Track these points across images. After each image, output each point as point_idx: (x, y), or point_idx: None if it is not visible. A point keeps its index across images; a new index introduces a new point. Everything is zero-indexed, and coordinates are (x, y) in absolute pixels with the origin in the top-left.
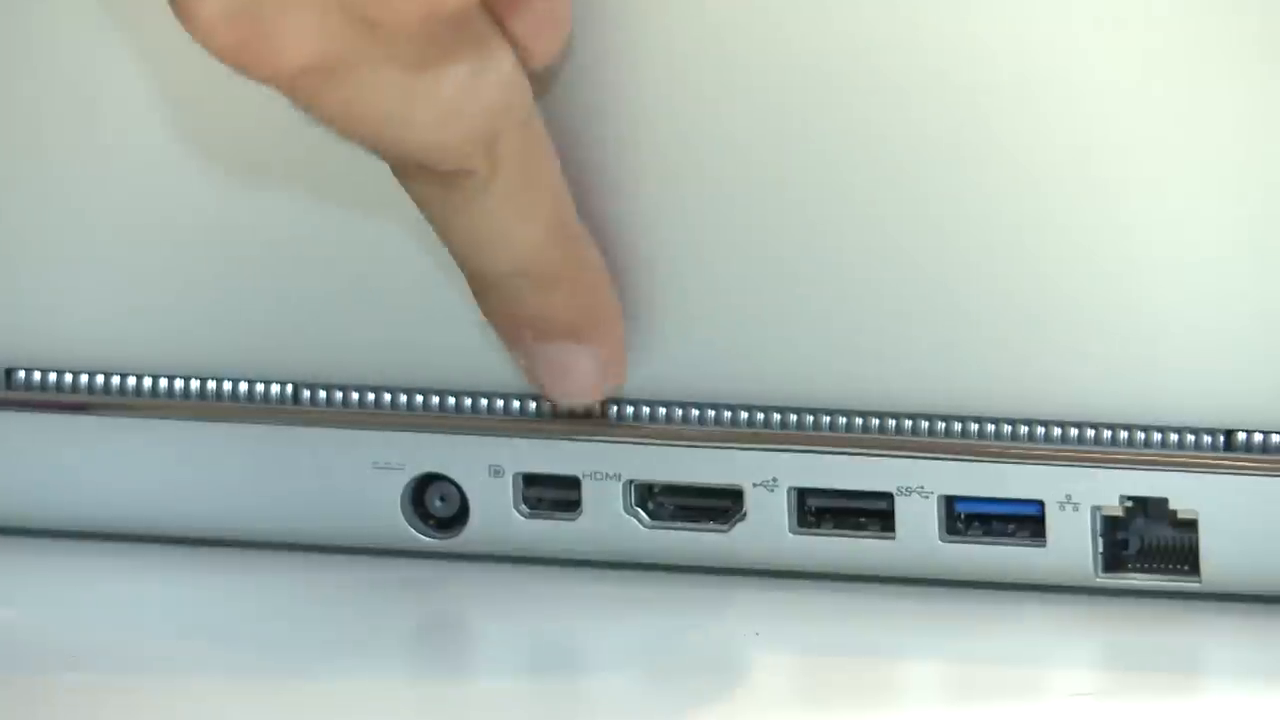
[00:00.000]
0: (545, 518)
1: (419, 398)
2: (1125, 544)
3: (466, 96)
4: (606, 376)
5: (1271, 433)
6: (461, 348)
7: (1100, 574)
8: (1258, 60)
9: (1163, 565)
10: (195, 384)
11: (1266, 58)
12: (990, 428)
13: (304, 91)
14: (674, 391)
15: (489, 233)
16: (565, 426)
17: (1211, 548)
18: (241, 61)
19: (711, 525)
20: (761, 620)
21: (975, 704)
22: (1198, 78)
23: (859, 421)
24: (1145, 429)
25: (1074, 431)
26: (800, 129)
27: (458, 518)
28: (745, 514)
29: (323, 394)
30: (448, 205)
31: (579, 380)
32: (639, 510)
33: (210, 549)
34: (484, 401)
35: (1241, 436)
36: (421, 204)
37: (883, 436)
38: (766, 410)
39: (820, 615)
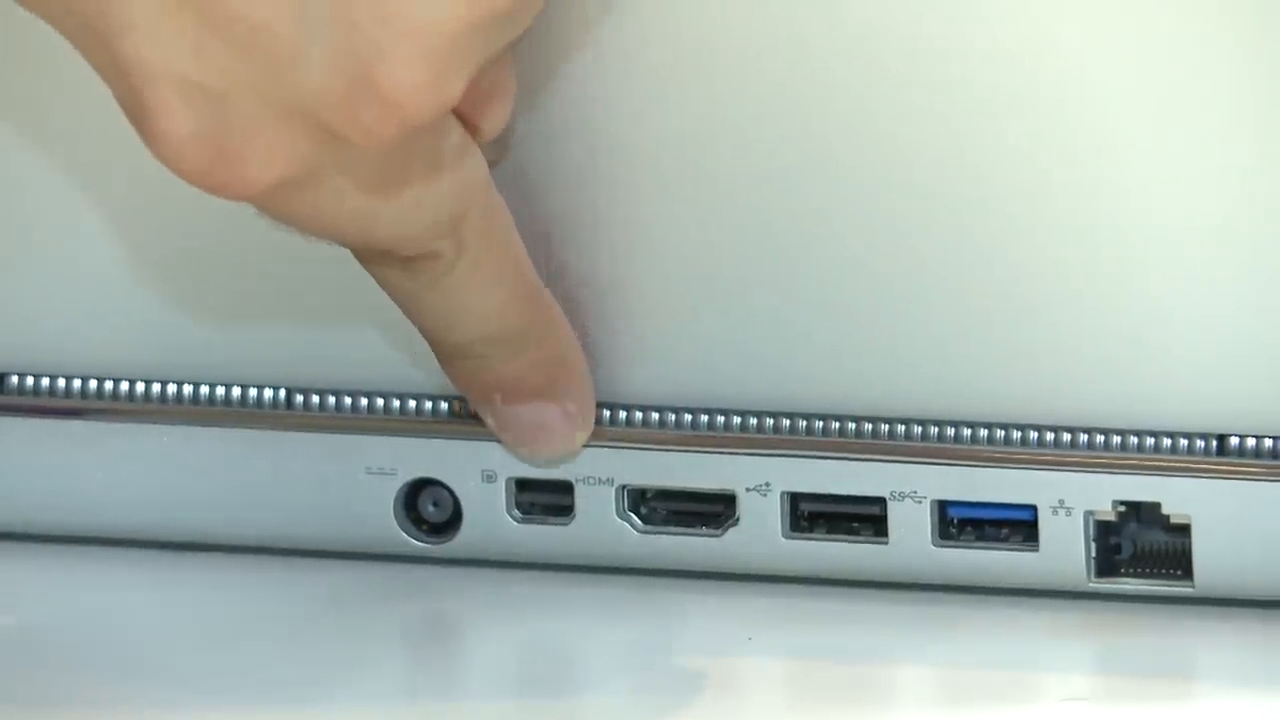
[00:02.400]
0: (538, 522)
1: (412, 403)
2: (1118, 548)
3: (429, 191)
4: (575, 430)
5: (1265, 437)
6: None
7: (1093, 578)
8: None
9: (1156, 570)
10: (188, 389)
11: (1267, 61)
12: (983, 432)
13: (270, 204)
14: (667, 396)
15: (455, 307)
16: None
17: (1204, 552)
18: (210, 184)
19: (704, 530)
20: (754, 625)
21: (968, 709)
22: (1194, 83)
23: (852, 426)
24: (1138, 433)
25: (1066, 436)
26: (795, 132)
27: (450, 522)
28: (738, 519)
29: (315, 399)
30: (413, 288)
31: (550, 438)
32: (631, 515)
33: (203, 554)
34: None
35: (1235, 441)
36: (387, 288)
37: (875, 441)
38: (759, 415)
39: (813, 620)
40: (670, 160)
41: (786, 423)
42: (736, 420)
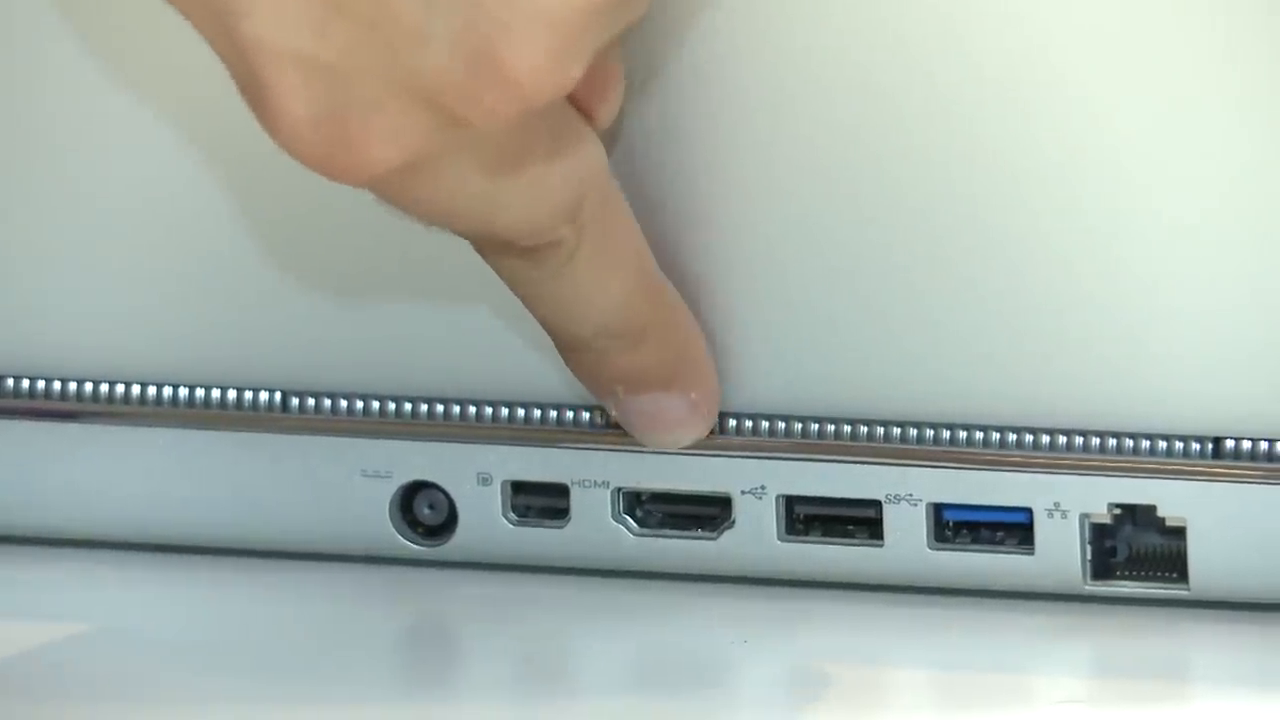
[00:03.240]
0: (534, 525)
1: (407, 405)
2: (1114, 551)
3: (550, 174)
4: (700, 419)
5: (1260, 440)
6: (450, 355)
7: (1089, 581)
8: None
9: (1151, 572)
10: (184, 391)
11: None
12: (979, 435)
13: (391, 190)
14: None
15: (577, 298)
16: (553, 434)
17: (1200, 555)
18: (329, 168)
19: (700, 533)
20: (750, 628)
21: (964, 712)
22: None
23: (847, 429)
24: (1134, 436)
25: (1062, 439)
26: (797, 134)
27: (446, 525)
28: (733, 521)
29: (311, 402)
30: (535, 277)
31: (674, 428)
32: (627, 518)
33: (199, 556)
34: (472, 409)
35: (1230, 444)
36: (507, 278)
37: (871, 444)
38: (754, 418)
39: (809, 623)
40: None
41: (782, 425)
42: (732, 423)
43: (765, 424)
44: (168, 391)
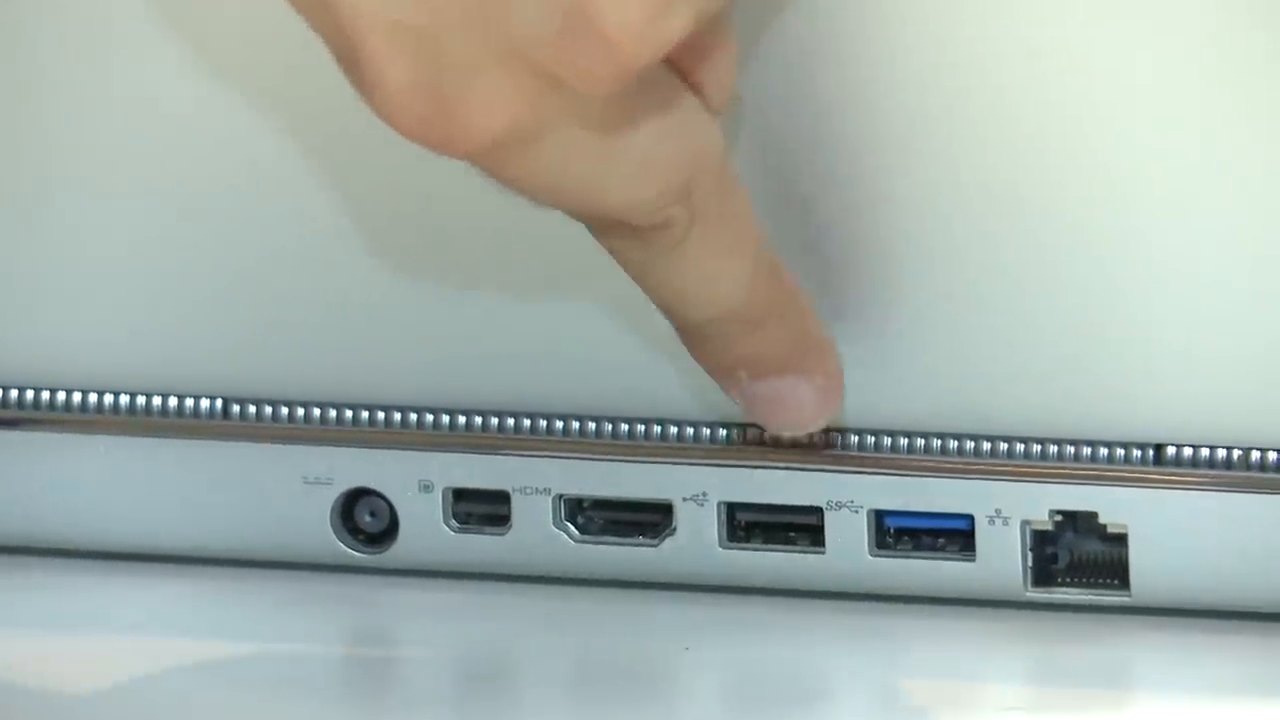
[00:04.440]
0: (475, 532)
1: (348, 412)
2: (1055, 558)
3: (660, 149)
4: (826, 403)
5: (1201, 446)
6: (390, 363)
7: (1030, 588)
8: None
9: (1092, 579)
10: (124, 399)
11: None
12: (920, 442)
13: (495, 162)
14: (604, 406)
15: (693, 281)
16: (494, 441)
17: (1141, 561)
18: (432, 138)
19: (641, 540)
20: (692, 635)
21: (905, 719)
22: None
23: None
24: (1074, 443)
25: (1003, 446)
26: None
27: (387, 532)
28: (675, 528)
29: (252, 409)
30: (649, 259)
31: (799, 412)
32: (568, 524)
33: (140, 563)
34: (413, 416)
35: (1171, 450)
36: (622, 259)
37: (812, 451)
38: (696, 425)
39: (750, 630)
40: None
41: (724, 433)
42: (673, 430)
43: (707, 431)
44: (109, 399)
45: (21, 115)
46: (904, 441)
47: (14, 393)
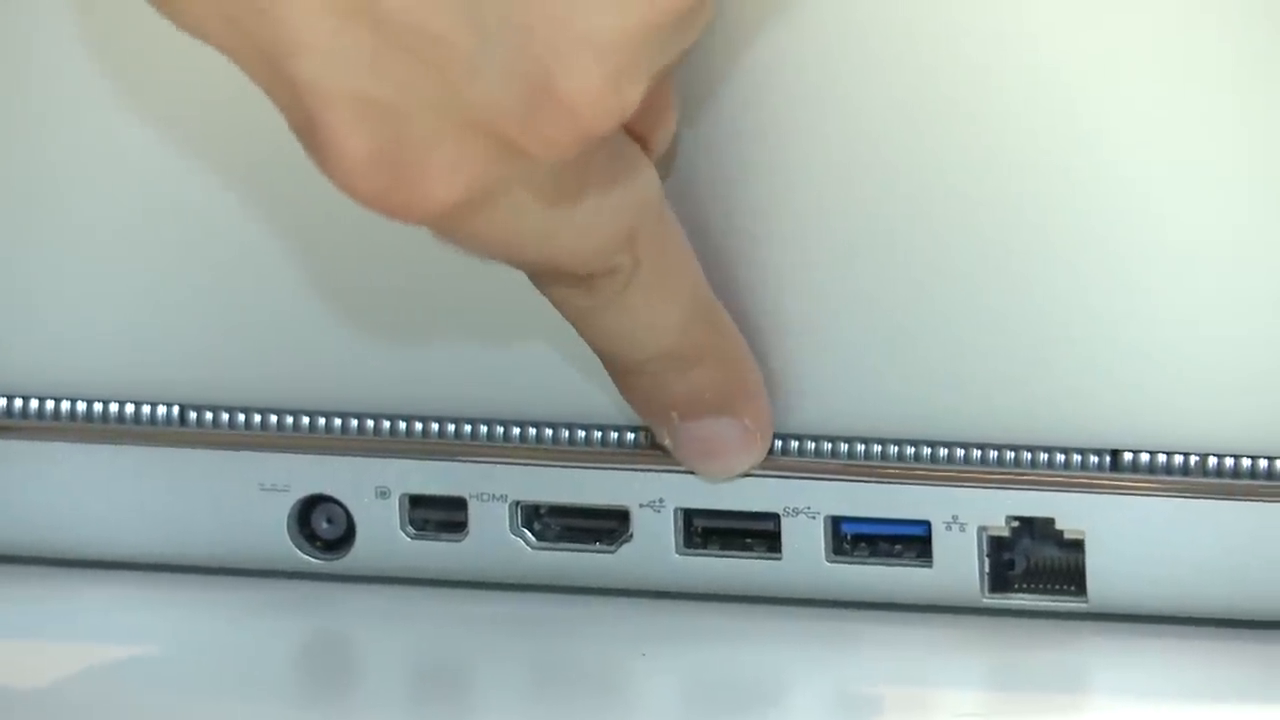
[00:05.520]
0: (432, 539)
1: (305, 419)
2: (1011, 564)
3: (607, 201)
4: (754, 446)
5: (1158, 452)
6: (347, 369)
7: (987, 594)
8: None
9: (1049, 585)
10: (81, 406)
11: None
12: (876, 448)
13: (449, 226)
14: (561, 412)
15: (633, 324)
16: (451, 447)
17: (1098, 567)
18: (388, 206)
19: (598, 546)
20: (649, 641)
21: None
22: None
23: None
24: (1031, 449)
25: (960, 452)
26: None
27: (344, 539)
28: (632, 535)
29: (209, 415)
30: (591, 305)
31: (729, 455)
32: (525, 531)
33: (96, 570)
34: (370, 423)
35: (1127, 456)
36: (562, 307)
37: (769, 458)
38: (650, 431)
39: (707, 636)
40: None
41: None
42: (630, 436)
43: None
44: (65, 406)
45: None
46: (860, 448)
47: None
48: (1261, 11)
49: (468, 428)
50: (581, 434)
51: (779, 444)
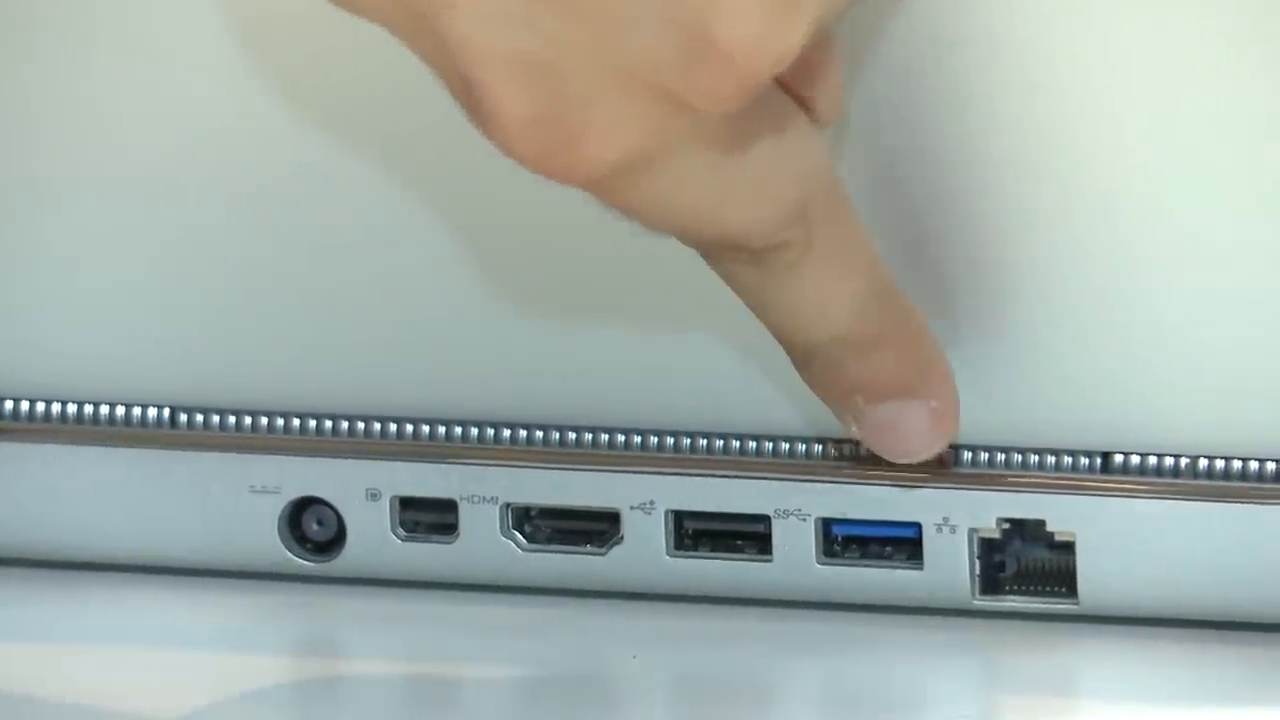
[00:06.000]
0: (422, 541)
1: (295, 421)
2: (1002, 566)
3: (776, 168)
4: (942, 427)
5: (1149, 454)
6: (337, 371)
7: (978, 596)
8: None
9: (1040, 587)
10: (72, 408)
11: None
12: (866, 450)
13: (612, 189)
14: (551, 414)
15: (809, 302)
16: (442, 450)
17: (1089, 569)
18: (552, 167)
19: (589, 548)
20: (639, 643)
21: None
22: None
23: (735, 444)
24: (1022, 451)
25: (950, 453)
26: None
27: (335, 541)
28: (622, 537)
29: (200, 418)
30: (765, 281)
31: (917, 438)
32: (516, 533)
33: (87, 572)
34: (361, 425)
35: (1118, 458)
36: (736, 284)
37: (760, 459)
38: (643, 433)
39: (698, 638)
40: None
41: (671, 440)
42: (621, 438)
43: (654, 439)
44: (56, 408)
45: None
46: (851, 449)
47: None
48: (1263, 12)
49: (458, 430)
50: (572, 436)
51: (769, 445)
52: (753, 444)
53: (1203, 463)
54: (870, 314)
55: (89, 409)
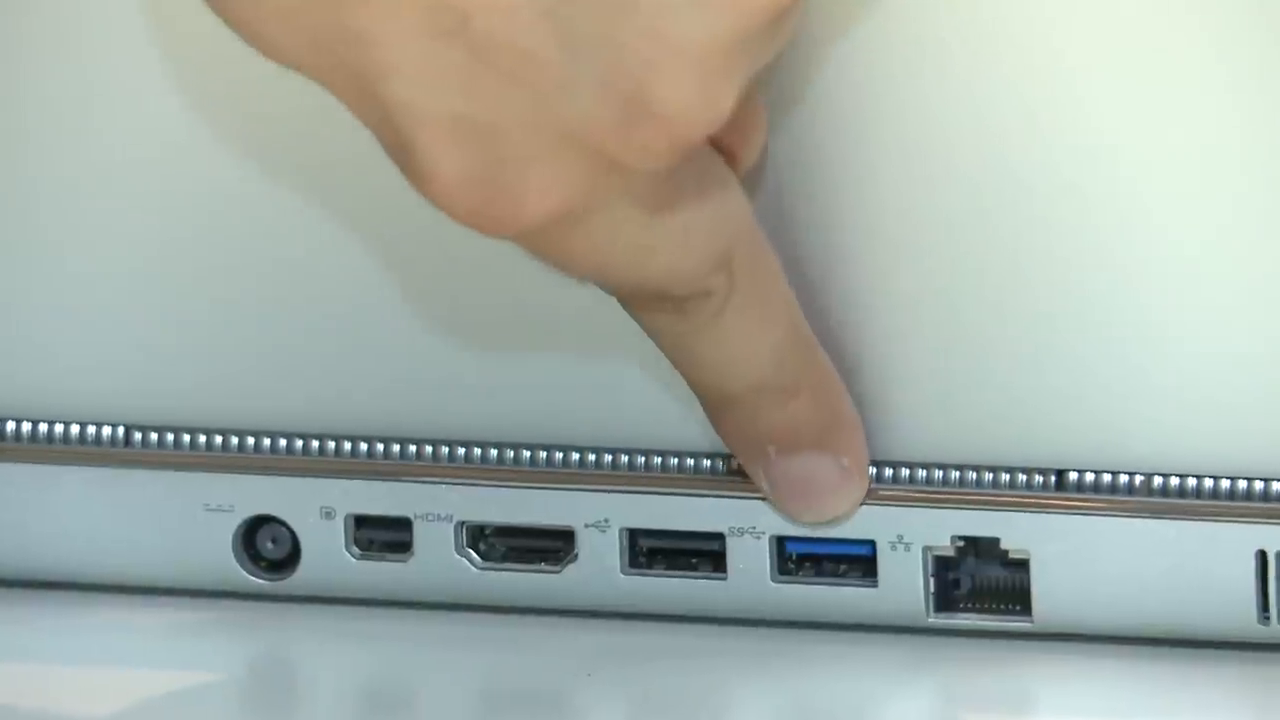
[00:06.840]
0: (377, 559)
1: (250, 439)
2: (957, 584)
3: (701, 217)
4: (852, 485)
5: (1103, 472)
6: (291, 390)
7: (932, 614)
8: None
9: (994, 605)
10: (26, 426)
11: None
12: None
13: (542, 241)
14: (505, 432)
15: (729, 351)
16: (396, 468)
17: (1043, 587)
18: (484, 223)
19: (543, 566)
20: (594, 661)
21: None
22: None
23: (690, 462)
24: (976, 469)
25: (905, 471)
26: None
27: (289, 559)
28: (577, 555)
29: (154, 436)
30: (686, 330)
31: (826, 494)
32: (470, 551)
33: (40, 590)
34: (315, 443)
35: (1072, 476)
36: (657, 333)
37: (714, 477)
38: (598, 451)
39: (653, 656)
40: None
41: (625, 458)
42: (575, 456)
43: (609, 457)
44: (10, 426)
45: None
46: None
47: None
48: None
49: (412, 448)
50: (526, 454)
51: (723, 464)
52: (707, 462)
53: (1157, 480)
54: (788, 363)
55: (43, 427)
